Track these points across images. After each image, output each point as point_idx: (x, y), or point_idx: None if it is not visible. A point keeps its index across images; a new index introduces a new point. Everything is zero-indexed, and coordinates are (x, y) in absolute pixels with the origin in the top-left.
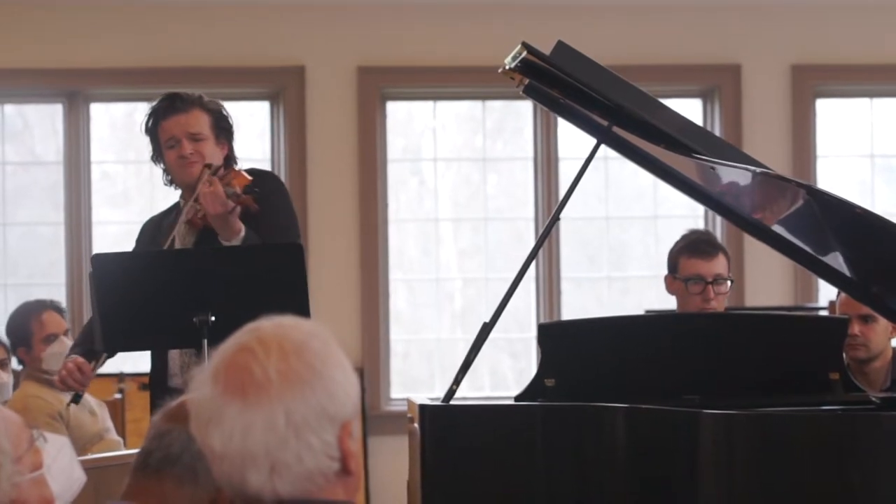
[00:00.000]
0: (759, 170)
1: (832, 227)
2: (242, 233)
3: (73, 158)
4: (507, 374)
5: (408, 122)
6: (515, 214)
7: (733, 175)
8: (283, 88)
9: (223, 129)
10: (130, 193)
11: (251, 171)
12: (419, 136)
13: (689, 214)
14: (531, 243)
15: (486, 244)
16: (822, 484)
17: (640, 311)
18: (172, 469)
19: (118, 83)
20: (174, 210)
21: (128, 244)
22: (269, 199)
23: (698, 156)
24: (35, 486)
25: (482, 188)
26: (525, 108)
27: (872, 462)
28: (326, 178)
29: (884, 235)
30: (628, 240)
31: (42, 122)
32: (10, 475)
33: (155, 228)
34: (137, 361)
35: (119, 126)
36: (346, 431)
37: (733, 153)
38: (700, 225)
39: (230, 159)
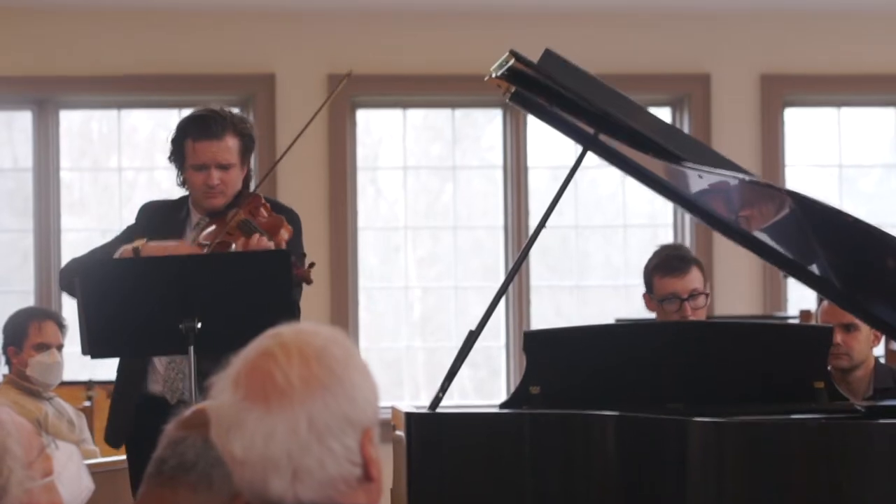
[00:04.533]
0: (747, 177)
1: (817, 234)
2: None
3: (43, 166)
4: (465, 383)
5: (366, 130)
6: (475, 223)
7: (720, 182)
8: (253, 96)
9: (249, 151)
10: (87, 201)
11: (275, 206)
12: (377, 144)
13: (649, 224)
14: (494, 252)
15: (445, 253)
16: (810, 492)
17: (601, 321)
18: (187, 476)
19: (88, 91)
20: (184, 208)
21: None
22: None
23: (686, 164)
24: (46, 492)
25: (441, 197)
26: (484, 117)
27: (861, 470)
28: (296, 186)
29: (871, 242)
30: (589, 249)
31: None
32: (22, 480)
33: (161, 219)
34: (100, 370)
35: (74, 133)
36: (368, 437)
37: (719, 160)
38: (668, 233)
39: (248, 177)
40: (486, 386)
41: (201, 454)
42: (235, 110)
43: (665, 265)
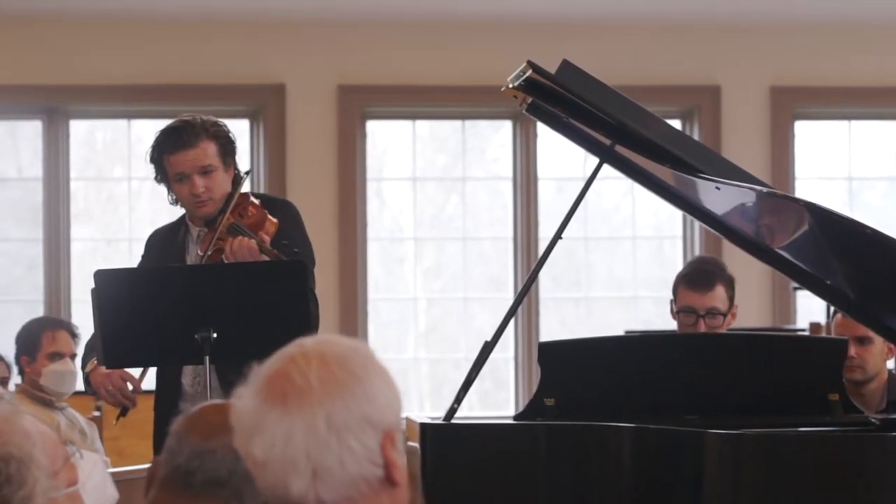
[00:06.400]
0: (764, 189)
1: (833, 245)
2: None
3: (52, 175)
4: (471, 394)
5: (371, 141)
6: (482, 234)
7: (738, 194)
8: (264, 107)
9: (230, 152)
10: (93, 211)
11: (266, 201)
12: (382, 155)
13: (655, 235)
14: (500, 263)
15: (451, 264)
16: None
17: (607, 333)
18: (220, 492)
19: (98, 100)
20: (181, 227)
21: (93, 261)
22: (286, 233)
23: (703, 175)
24: (70, 501)
25: (447, 208)
26: (490, 128)
27: (876, 483)
28: (306, 197)
29: (888, 254)
30: (595, 261)
31: (1, 139)
32: (47, 490)
33: (163, 244)
34: None
35: (81, 142)
36: (389, 439)
37: (735, 171)
38: (676, 245)
39: (237, 178)
40: (491, 397)
41: (233, 469)
42: (245, 121)
43: (690, 278)
